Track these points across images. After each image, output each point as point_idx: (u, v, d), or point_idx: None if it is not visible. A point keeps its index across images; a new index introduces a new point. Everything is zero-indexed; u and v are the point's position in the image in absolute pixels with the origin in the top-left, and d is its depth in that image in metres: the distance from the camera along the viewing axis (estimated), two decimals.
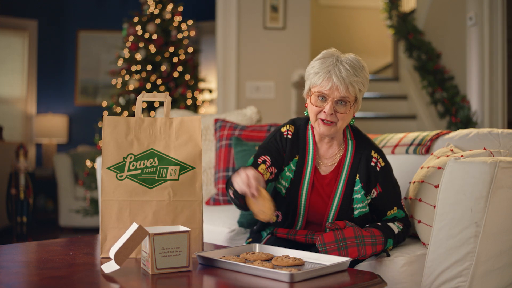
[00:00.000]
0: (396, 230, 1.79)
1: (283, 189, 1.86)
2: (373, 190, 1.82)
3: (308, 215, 1.84)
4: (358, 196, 1.81)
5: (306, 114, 1.86)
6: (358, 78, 1.73)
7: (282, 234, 1.87)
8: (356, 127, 1.90)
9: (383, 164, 1.83)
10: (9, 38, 6.65)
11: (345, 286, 1.40)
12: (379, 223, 1.81)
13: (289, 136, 1.86)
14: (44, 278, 1.43)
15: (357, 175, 1.81)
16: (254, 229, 2.01)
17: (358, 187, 1.81)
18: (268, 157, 1.82)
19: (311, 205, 1.84)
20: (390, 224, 1.80)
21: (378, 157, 1.83)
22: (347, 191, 1.81)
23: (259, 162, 1.81)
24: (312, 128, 1.86)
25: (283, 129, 1.89)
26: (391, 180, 1.86)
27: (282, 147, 1.86)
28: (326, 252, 1.66)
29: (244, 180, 1.57)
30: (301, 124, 1.90)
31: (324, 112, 1.74)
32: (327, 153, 1.86)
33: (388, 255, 1.75)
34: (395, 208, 1.86)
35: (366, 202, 1.82)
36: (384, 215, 1.86)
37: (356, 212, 1.81)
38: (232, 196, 1.75)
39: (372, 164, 1.81)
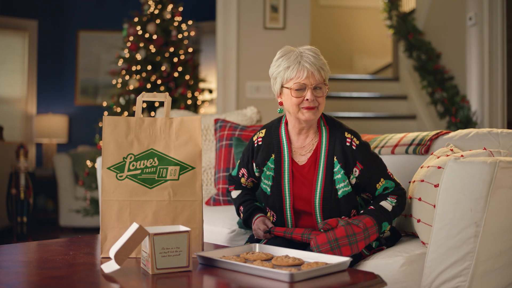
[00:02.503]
0: (390, 208, 1.84)
1: (268, 188, 1.94)
2: (355, 169, 1.87)
3: (294, 204, 1.91)
4: (339, 176, 1.87)
5: (279, 111, 1.96)
6: (323, 61, 1.86)
7: (279, 232, 1.88)
8: (330, 116, 1.99)
9: (357, 142, 1.89)
10: (9, 38, 6.65)
11: (345, 286, 1.40)
12: (372, 207, 1.85)
13: (259, 142, 1.99)
14: (44, 278, 1.44)
15: (335, 157, 1.88)
16: (255, 238, 2.02)
17: (337, 168, 1.87)
18: (245, 170, 2.06)
19: (295, 195, 1.90)
20: (383, 203, 1.85)
21: (352, 136, 1.89)
22: (327, 174, 1.87)
23: (240, 176, 2.08)
24: (286, 124, 1.95)
25: (254, 138, 2.02)
26: (370, 155, 1.91)
27: (253, 154, 2.00)
28: (320, 253, 1.71)
29: (260, 235, 1.93)
30: (273, 124, 2.01)
31: (307, 99, 1.83)
32: (304, 143, 1.94)
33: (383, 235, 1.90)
34: (382, 179, 1.90)
35: (348, 181, 1.87)
36: (374, 189, 1.91)
37: (339, 193, 1.87)
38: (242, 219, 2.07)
39: (347, 144, 1.88)
